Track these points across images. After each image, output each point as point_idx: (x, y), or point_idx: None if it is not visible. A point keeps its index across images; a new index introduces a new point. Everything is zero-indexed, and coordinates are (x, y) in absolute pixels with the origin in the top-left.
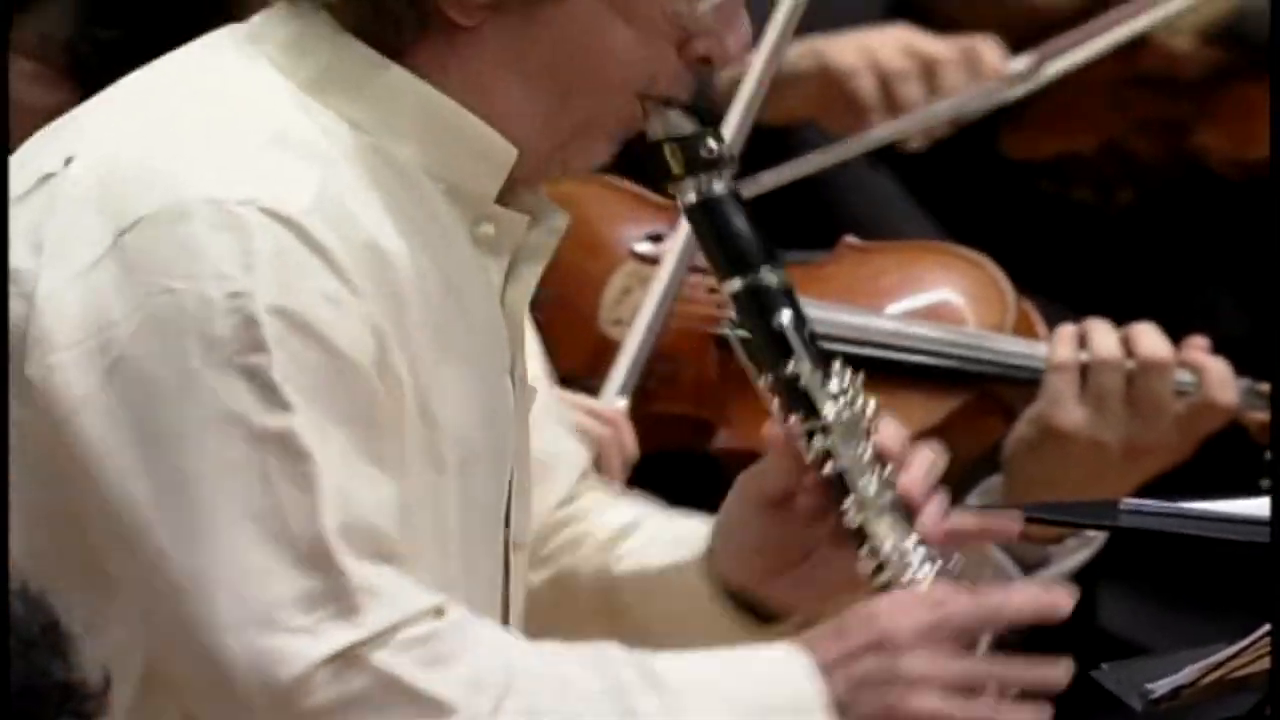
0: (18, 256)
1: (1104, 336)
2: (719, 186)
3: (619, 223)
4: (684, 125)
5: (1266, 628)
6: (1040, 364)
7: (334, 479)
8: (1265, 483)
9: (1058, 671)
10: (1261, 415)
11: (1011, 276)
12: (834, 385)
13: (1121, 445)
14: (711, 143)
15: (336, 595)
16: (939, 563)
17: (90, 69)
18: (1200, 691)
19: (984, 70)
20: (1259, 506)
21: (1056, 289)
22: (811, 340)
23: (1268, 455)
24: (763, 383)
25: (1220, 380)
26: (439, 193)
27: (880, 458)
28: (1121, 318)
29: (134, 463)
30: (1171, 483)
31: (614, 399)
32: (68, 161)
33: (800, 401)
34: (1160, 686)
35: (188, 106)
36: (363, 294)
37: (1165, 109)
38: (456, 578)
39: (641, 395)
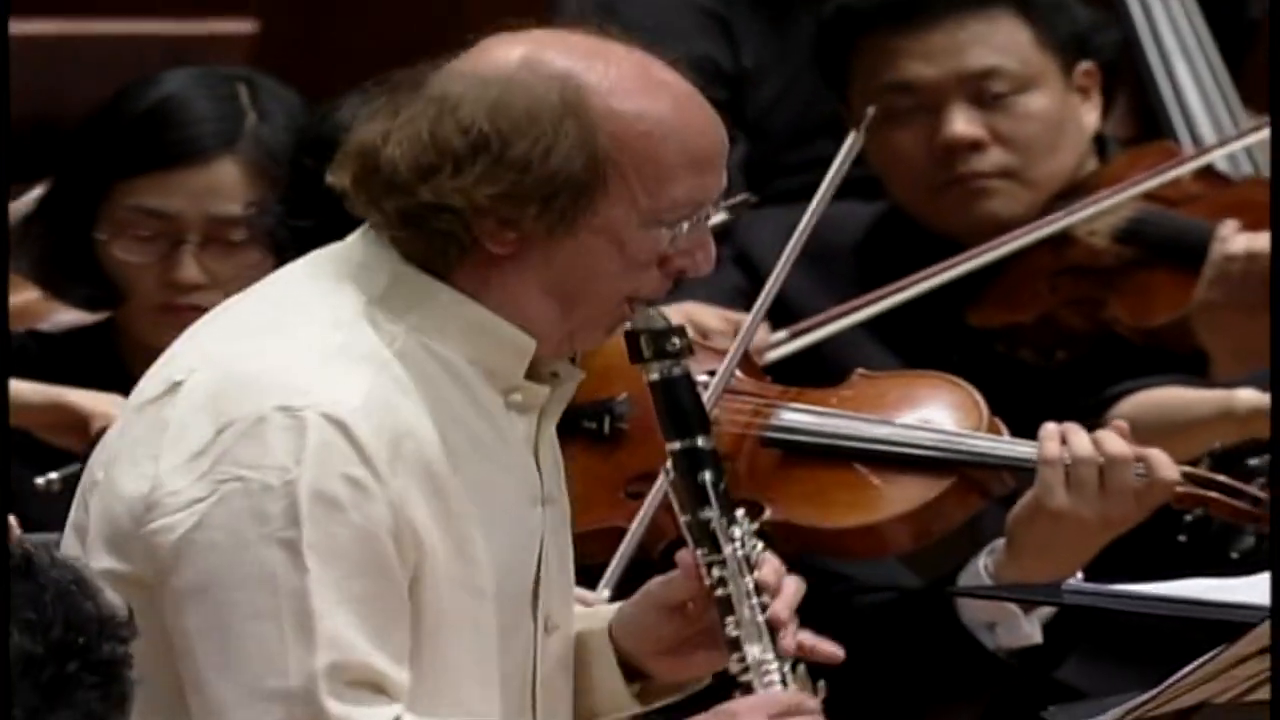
0: (143, 442)
1: (1080, 439)
2: (676, 370)
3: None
4: (657, 321)
5: (1169, 681)
6: (1006, 454)
7: (331, 627)
8: (1182, 537)
9: None
10: (1184, 489)
11: None
12: (736, 531)
13: (1097, 519)
14: (675, 339)
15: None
16: (786, 674)
17: (285, 248)
18: None
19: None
20: (1177, 588)
21: (1012, 427)
22: (722, 492)
23: (1186, 518)
24: (683, 519)
25: (1164, 464)
26: (477, 375)
27: (759, 588)
28: None
29: (193, 603)
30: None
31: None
32: (191, 372)
33: (708, 540)
34: None
35: (283, 324)
36: (385, 479)
37: (1086, 290)
38: (492, 669)
39: None
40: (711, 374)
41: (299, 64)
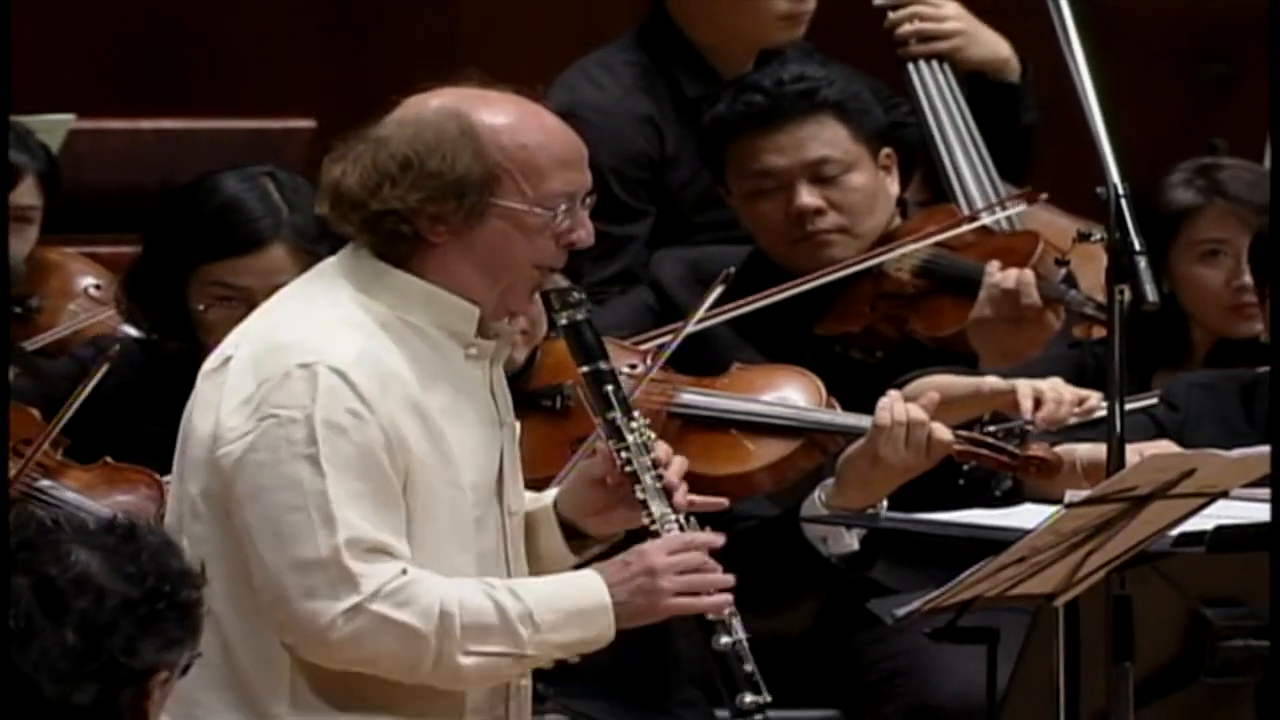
0: (209, 400)
1: (900, 408)
2: (579, 315)
3: (613, 359)
4: (560, 282)
5: (954, 581)
6: (839, 423)
7: (345, 514)
8: (961, 481)
9: (729, 578)
10: (959, 447)
11: None
12: (634, 424)
13: (900, 464)
14: (575, 292)
15: (345, 579)
16: (682, 523)
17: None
18: (922, 614)
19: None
20: (960, 516)
21: (846, 404)
22: (621, 398)
23: (964, 467)
24: (596, 420)
25: (941, 429)
26: (442, 336)
27: (655, 463)
28: None
29: (249, 504)
30: (918, 482)
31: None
32: (237, 348)
33: (615, 433)
34: (900, 611)
35: (299, 311)
36: (376, 408)
37: (895, 310)
38: (469, 536)
39: None
40: (633, 366)
41: None
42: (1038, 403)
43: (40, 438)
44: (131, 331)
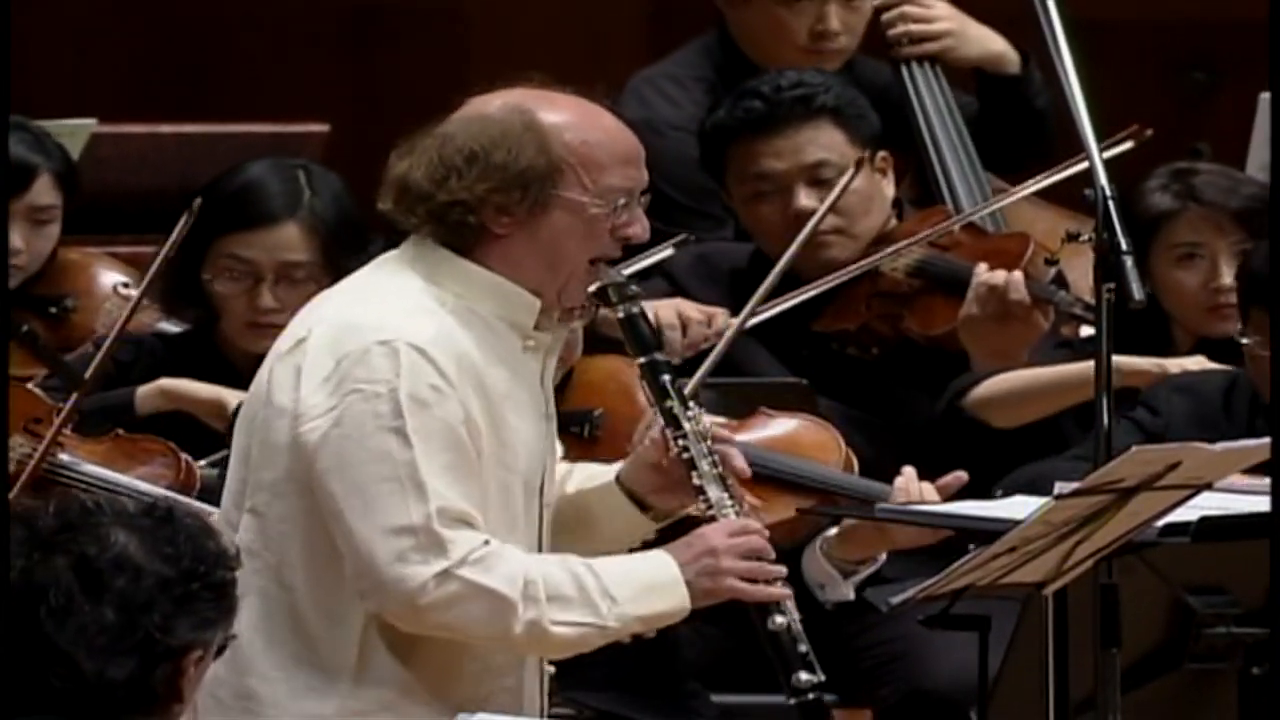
0: (285, 382)
1: (914, 488)
2: (634, 308)
3: None
4: (615, 275)
5: (948, 570)
6: (853, 486)
7: (435, 484)
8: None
9: (782, 569)
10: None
11: (816, 390)
12: (689, 413)
13: (905, 539)
14: (631, 286)
15: (436, 545)
16: (738, 508)
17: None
18: (916, 602)
19: (714, 325)
20: (956, 508)
21: (842, 399)
22: (678, 387)
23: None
24: (654, 409)
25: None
26: (504, 325)
27: (711, 450)
28: (873, 412)
29: (335, 477)
30: None
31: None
32: (311, 329)
33: (671, 420)
34: (895, 599)
35: (371, 295)
36: (455, 386)
37: (890, 308)
38: (517, 523)
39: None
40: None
41: (357, 154)
42: None
43: (59, 416)
44: (160, 327)
